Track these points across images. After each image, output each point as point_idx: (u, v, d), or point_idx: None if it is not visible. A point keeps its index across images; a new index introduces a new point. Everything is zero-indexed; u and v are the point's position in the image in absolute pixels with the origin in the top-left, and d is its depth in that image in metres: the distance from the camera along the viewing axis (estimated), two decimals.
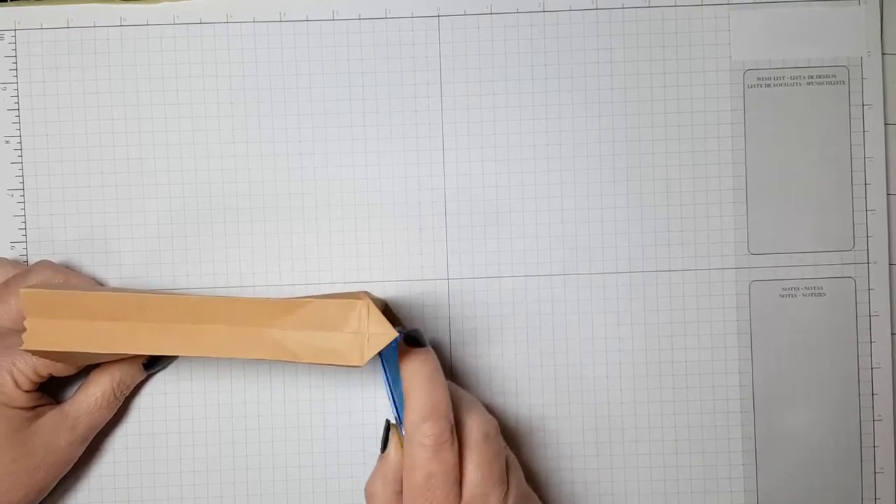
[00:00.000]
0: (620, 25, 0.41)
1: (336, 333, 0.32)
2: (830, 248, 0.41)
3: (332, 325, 0.32)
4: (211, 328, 0.32)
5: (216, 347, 0.32)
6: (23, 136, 0.40)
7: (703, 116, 0.41)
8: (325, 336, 0.32)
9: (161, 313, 0.33)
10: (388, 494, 0.35)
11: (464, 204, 0.41)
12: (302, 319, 0.32)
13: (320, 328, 0.32)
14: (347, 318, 0.32)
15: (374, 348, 0.32)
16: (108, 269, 0.40)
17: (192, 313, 0.32)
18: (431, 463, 0.32)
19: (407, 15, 0.41)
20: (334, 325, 0.32)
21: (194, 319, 0.32)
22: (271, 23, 0.41)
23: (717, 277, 0.41)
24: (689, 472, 0.41)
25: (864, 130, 0.41)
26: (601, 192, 0.41)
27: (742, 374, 0.41)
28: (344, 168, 0.41)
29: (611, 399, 0.41)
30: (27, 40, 0.40)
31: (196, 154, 0.41)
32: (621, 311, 0.41)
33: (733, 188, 0.41)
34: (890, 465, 0.41)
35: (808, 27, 0.41)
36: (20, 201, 0.41)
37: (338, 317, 0.32)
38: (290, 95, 0.41)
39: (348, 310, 0.32)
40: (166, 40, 0.41)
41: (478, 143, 0.41)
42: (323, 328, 0.32)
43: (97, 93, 0.41)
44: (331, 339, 0.32)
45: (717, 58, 0.41)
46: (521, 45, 0.41)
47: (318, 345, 0.32)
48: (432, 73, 0.41)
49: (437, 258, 0.40)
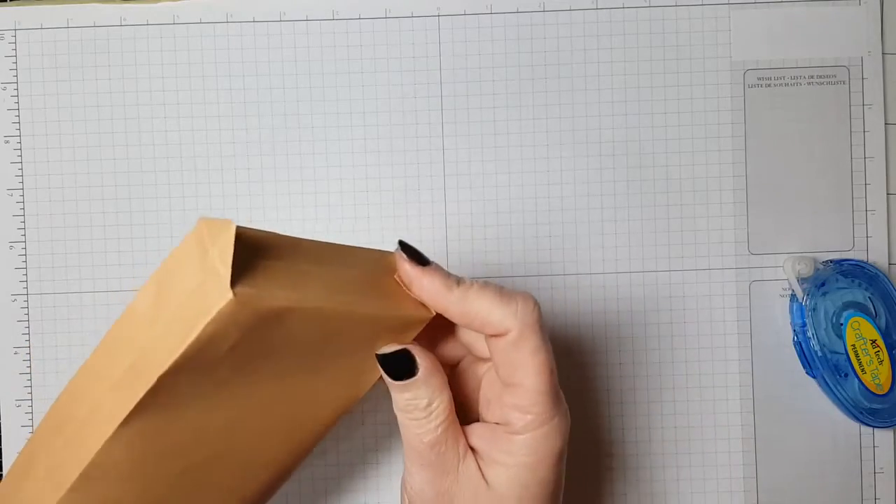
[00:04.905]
0: (620, 25, 0.41)
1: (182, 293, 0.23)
2: (830, 248, 0.41)
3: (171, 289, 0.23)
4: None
5: None
6: (23, 136, 0.40)
7: (703, 116, 0.41)
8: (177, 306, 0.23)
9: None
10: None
11: (464, 204, 0.41)
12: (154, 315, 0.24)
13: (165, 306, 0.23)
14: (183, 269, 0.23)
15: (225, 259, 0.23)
16: (108, 270, 0.40)
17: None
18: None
19: (407, 15, 0.41)
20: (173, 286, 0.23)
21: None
22: (271, 23, 0.41)
23: (717, 277, 0.41)
24: (689, 472, 0.41)
25: (864, 130, 0.41)
26: (601, 192, 0.41)
27: (742, 375, 0.41)
28: (344, 168, 0.41)
29: (611, 399, 0.41)
30: (27, 40, 0.40)
31: (196, 154, 0.41)
32: (621, 311, 0.41)
33: (733, 188, 0.41)
34: (890, 465, 0.41)
35: (808, 27, 0.41)
36: (20, 201, 0.41)
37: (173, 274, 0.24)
38: (290, 95, 0.41)
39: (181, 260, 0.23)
40: (166, 40, 0.41)
41: (478, 143, 0.41)
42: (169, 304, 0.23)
43: (97, 93, 0.40)
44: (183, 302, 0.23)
45: (717, 58, 0.41)
46: (521, 45, 0.41)
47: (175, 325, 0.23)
48: (432, 73, 0.41)
49: (437, 258, 0.40)
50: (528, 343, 0.28)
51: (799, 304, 0.39)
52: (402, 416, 0.30)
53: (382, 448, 0.41)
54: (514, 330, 0.28)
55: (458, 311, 0.29)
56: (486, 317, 0.28)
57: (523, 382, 0.29)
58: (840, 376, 0.39)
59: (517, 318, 0.28)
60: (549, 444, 0.29)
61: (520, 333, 0.28)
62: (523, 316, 0.28)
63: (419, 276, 0.29)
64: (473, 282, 0.29)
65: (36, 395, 0.40)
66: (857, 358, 0.39)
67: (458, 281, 0.29)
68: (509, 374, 0.29)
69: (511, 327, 0.28)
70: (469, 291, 0.29)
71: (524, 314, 0.28)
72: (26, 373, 0.40)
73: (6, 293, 0.40)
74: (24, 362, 0.40)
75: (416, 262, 0.29)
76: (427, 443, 0.29)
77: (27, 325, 0.40)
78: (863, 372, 0.39)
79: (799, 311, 0.39)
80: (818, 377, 0.39)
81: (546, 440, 0.29)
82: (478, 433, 0.30)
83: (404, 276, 0.29)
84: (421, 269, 0.29)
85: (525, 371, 0.28)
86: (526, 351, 0.28)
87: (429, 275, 0.29)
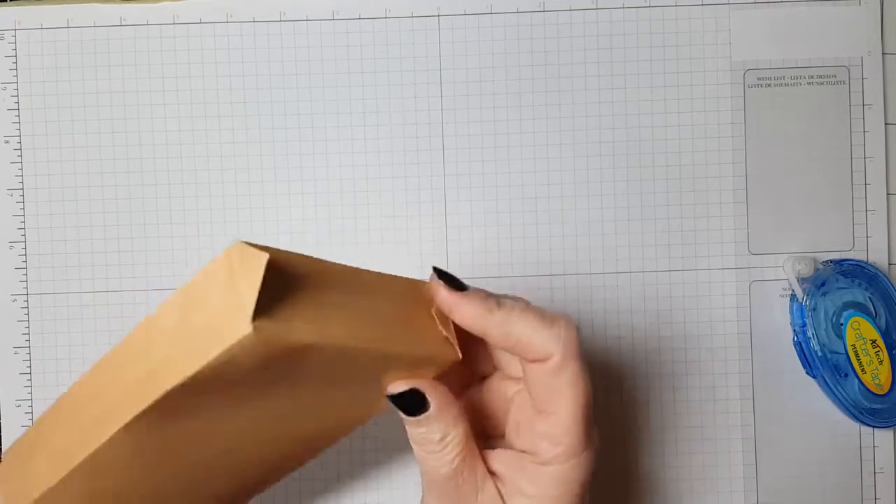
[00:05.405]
0: (620, 25, 0.41)
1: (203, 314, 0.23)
2: (830, 248, 0.41)
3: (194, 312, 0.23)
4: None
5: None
6: (23, 136, 0.40)
7: (703, 116, 0.41)
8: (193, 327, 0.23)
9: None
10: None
11: (464, 204, 0.41)
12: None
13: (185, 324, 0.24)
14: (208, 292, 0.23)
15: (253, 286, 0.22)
16: (108, 270, 0.40)
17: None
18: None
19: (407, 15, 0.41)
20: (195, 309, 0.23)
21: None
22: (271, 23, 0.41)
23: (717, 277, 0.41)
24: (689, 472, 0.41)
25: (864, 130, 0.41)
26: (601, 192, 0.41)
27: (742, 374, 0.41)
28: (344, 168, 0.41)
29: (611, 399, 0.41)
30: (27, 40, 0.40)
31: (196, 154, 0.41)
32: (621, 311, 0.41)
33: (733, 188, 0.41)
34: (890, 465, 0.41)
35: (808, 27, 0.41)
36: (20, 201, 0.41)
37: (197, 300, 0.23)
38: (290, 95, 0.41)
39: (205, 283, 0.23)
40: (166, 40, 0.41)
41: (478, 143, 0.41)
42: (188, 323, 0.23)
43: (97, 93, 0.41)
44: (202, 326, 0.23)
45: (717, 58, 0.41)
46: (521, 45, 0.41)
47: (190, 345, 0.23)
48: (432, 73, 0.41)
49: (437, 258, 0.40)
50: (569, 371, 0.27)
51: (799, 304, 0.39)
52: (417, 448, 0.29)
53: (383, 448, 0.41)
54: (557, 356, 0.27)
55: (500, 335, 0.28)
56: (528, 341, 0.27)
57: (558, 411, 0.28)
58: (840, 376, 0.39)
59: (560, 344, 0.27)
60: (577, 476, 0.28)
61: (562, 360, 0.27)
62: (566, 341, 0.27)
63: (458, 303, 0.28)
64: (514, 303, 0.28)
65: (36, 395, 0.40)
66: (857, 358, 0.39)
67: (499, 302, 0.28)
68: (545, 401, 0.28)
69: (553, 353, 0.27)
70: (511, 314, 0.28)
71: (567, 340, 0.27)
72: (26, 373, 0.40)
73: (6, 293, 0.40)
74: (24, 362, 0.40)
75: (453, 287, 0.28)
76: (443, 475, 0.29)
77: (27, 325, 0.40)
78: (863, 372, 0.39)
79: (799, 311, 0.39)
80: (818, 377, 0.39)
81: (574, 472, 0.28)
82: (502, 459, 0.29)
83: (443, 304, 0.28)
84: (460, 295, 0.28)
85: (562, 400, 0.28)
86: (565, 378, 0.27)
87: (468, 299, 0.28)
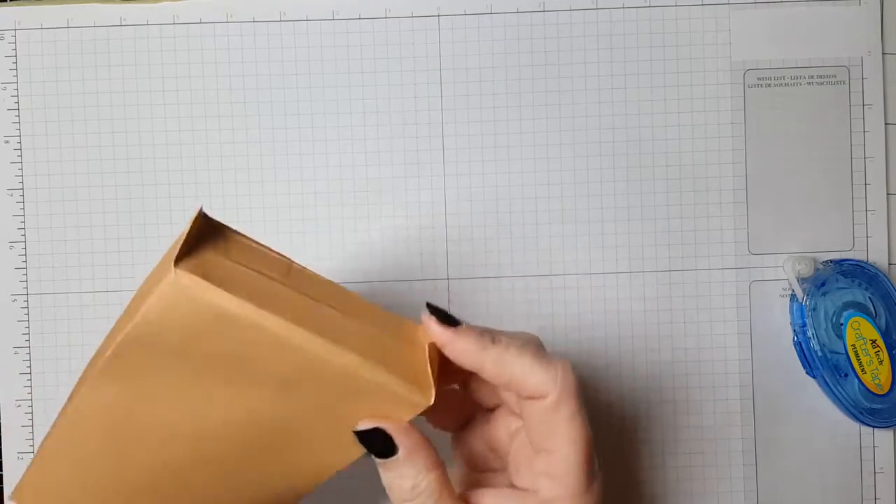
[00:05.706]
0: (620, 25, 0.41)
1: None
2: (830, 248, 0.41)
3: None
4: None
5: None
6: (23, 136, 0.40)
7: (703, 116, 0.41)
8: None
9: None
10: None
11: (464, 204, 0.41)
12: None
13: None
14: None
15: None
16: (108, 270, 0.40)
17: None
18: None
19: (407, 15, 0.41)
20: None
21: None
22: (271, 23, 0.41)
23: (717, 277, 0.41)
24: (689, 473, 0.41)
25: (864, 130, 0.41)
26: (601, 192, 0.41)
27: (742, 374, 0.41)
28: (344, 168, 0.41)
29: (611, 399, 0.41)
30: (27, 40, 0.40)
31: (196, 154, 0.41)
32: (621, 311, 0.41)
33: (733, 188, 0.41)
34: (890, 465, 0.41)
35: (808, 27, 0.41)
36: (20, 201, 0.41)
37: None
38: (290, 95, 0.41)
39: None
40: (166, 40, 0.41)
41: (478, 143, 0.41)
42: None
43: (97, 93, 0.41)
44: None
45: (717, 58, 0.41)
46: (521, 45, 0.41)
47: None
48: (432, 73, 0.41)
49: (437, 258, 0.40)
50: (566, 409, 0.27)
51: (799, 304, 0.39)
52: (389, 493, 0.29)
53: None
54: (553, 395, 0.27)
55: (494, 373, 0.28)
56: (523, 380, 0.27)
57: (557, 449, 0.27)
58: (840, 376, 0.39)
59: (556, 383, 0.27)
60: None
61: (558, 398, 0.27)
62: (563, 381, 0.27)
63: (452, 340, 0.28)
64: (511, 341, 0.28)
65: (36, 395, 0.40)
66: (857, 358, 0.39)
67: (493, 339, 0.28)
68: (542, 440, 0.28)
69: (549, 392, 0.27)
70: (506, 353, 0.28)
71: (564, 380, 0.27)
72: (26, 373, 0.40)
73: (6, 293, 0.40)
74: (24, 362, 0.40)
75: (446, 324, 0.28)
76: None
77: (27, 325, 0.40)
78: (863, 372, 0.39)
79: (799, 311, 0.39)
80: (818, 377, 0.39)
81: None
82: (502, 497, 0.29)
83: (437, 339, 0.28)
84: (454, 331, 0.28)
85: (560, 438, 0.27)
86: (562, 417, 0.27)
87: (462, 335, 0.28)
